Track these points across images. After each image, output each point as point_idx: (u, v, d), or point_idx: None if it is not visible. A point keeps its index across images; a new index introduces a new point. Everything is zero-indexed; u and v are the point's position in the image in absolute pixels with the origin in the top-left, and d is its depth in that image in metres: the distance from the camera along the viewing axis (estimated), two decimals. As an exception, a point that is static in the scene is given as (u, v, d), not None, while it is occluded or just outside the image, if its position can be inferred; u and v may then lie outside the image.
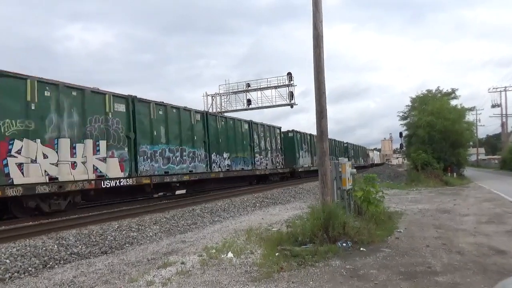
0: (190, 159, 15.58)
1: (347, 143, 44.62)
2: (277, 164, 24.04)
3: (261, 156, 21.91)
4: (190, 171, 15.39)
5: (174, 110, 14.98)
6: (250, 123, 21.24)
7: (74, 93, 10.98)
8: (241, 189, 19.06)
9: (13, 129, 9.42)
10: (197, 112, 16.57)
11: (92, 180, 11.09)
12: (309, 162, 29.81)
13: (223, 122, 18.55)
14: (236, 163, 19.08)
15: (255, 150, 21.20)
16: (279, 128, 25.31)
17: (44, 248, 6.84)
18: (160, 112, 14.18)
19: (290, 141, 26.60)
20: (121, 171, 12.24)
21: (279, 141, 24.74)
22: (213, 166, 17.09)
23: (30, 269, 5.83)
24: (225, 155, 18.25)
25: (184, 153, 15.25)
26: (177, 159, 14.84)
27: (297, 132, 27.77)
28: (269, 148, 23.04)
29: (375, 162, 70.09)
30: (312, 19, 7.40)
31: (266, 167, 22.33)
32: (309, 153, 29.77)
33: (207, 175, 16.56)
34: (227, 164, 18.34)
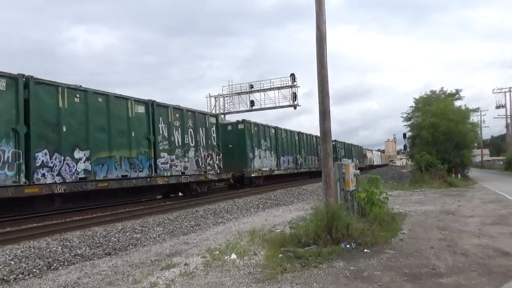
0: None
1: (335, 140, 37.50)
2: (208, 167, 16.89)
3: (173, 156, 14.76)
4: None
5: None
6: (150, 104, 13.89)
7: None
8: (241, 192, 18.49)
9: None
10: None
11: None
12: (272, 164, 23.24)
13: (77, 99, 11.11)
14: (108, 168, 11.98)
15: (160, 147, 14.16)
16: (215, 116, 18.41)
17: (48, 250, 6.88)
18: None
19: (239, 136, 20.29)
20: None
21: (213, 135, 17.52)
22: (36, 174, 9.91)
23: (34, 270, 5.86)
24: (78, 154, 11.04)
25: None
26: None
27: (251, 123, 21.39)
28: (192, 145, 15.90)
29: (375, 164, 66.19)
30: (315, 20, 7.40)
31: (183, 173, 15.17)
32: (273, 152, 23.37)
33: (13, 191, 9.17)
34: (84, 170, 11.15)
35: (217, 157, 17.74)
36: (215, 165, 17.57)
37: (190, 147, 15.89)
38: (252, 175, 20.48)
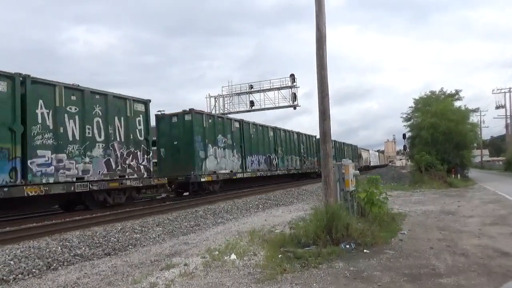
0: None
1: None
2: (128, 170, 12.94)
3: (62, 155, 10.83)
4: None
5: None
6: (19, 80, 9.87)
7: None
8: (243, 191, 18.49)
9: None
10: None
11: None
12: (235, 165, 19.00)
13: None
14: None
15: (37, 142, 10.21)
16: (143, 103, 13.86)
17: (48, 250, 6.88)
18: None
19: (186, 130, 16.09)
20: None
21: (139, 127, 13.55)
22: None
23: (34, 270, 5.86)
24: None
25: None
26: None
27: (202, 114, 16.99)
28: (99, 139, 11.96)
29: (372, 164, 62.80)
30: (315, 20, 7.40)
31: (81, 178, 11.23)
32: (235, 151, 19.08)
33: None
34: None
35: (145, 156, 13.62)
36: (141, 167, 13.41)
37: (96, 142, 11.82)
38: (203, 180, 16.11)
